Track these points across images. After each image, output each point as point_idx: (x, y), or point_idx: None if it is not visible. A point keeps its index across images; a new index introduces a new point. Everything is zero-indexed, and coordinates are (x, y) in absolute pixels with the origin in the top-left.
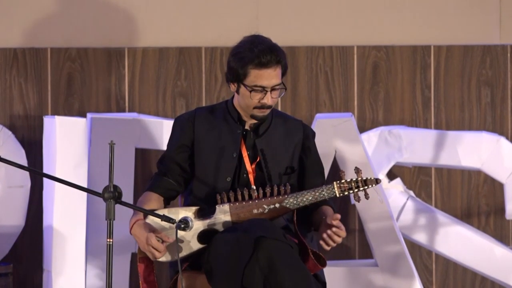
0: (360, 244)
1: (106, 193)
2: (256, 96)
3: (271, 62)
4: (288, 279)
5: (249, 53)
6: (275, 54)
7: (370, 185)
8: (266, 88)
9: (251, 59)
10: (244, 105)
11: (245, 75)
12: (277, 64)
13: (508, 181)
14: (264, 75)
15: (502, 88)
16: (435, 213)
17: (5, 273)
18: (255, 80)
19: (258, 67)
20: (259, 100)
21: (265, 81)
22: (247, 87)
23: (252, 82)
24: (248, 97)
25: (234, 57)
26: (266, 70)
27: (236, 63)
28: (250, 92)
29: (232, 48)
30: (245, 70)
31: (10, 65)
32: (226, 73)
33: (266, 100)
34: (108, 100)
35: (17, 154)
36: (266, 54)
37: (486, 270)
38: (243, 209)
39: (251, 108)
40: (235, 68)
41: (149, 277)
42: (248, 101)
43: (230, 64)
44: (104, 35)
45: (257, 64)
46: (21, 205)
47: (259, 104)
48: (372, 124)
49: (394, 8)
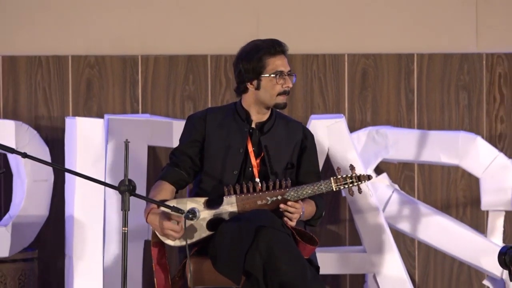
0: (350, 232)
1: (122, 186)
2: (280, 81)
3: (282, 50)
4: (285, 264)
5: (261, 47)
6: (282, 44)
7: (363, 181)
8: (284, 73)
9: (266, 50)
10: (268, 96)
11: (263, 67)
12: (285, 52)
13: (483, 176)
14: (278, 61)
15: (478, 92)
16: (417, 204)
17: (31, 258)
18: (275, 67)
19: (274, 55)
20: (282, 85)
21: (281, 66)
22: (270, 75)
23: (272, 69)
24: (272, 86)
25: (245, 58)
26: (280, 57)
27: (251, 61)
28: (275, 77)
29: (236, 57)
30: (263, 62)
31: (35, 72)
32: (240, 77)
33: (288, 83)
34: (123, 103)
35: (42, 151)
36: (276, 44)
37: (463, 256)
38: (248, 200)
39: (275, 97)
40: (252, 65)
41: (161, 260)
42: (272, 90)
43: (244, 66)
44: (119, 44)
45: (273, 53)
46: (45, 197)
47: (282, 89)
48: (361, 124)
49: (381, 20)
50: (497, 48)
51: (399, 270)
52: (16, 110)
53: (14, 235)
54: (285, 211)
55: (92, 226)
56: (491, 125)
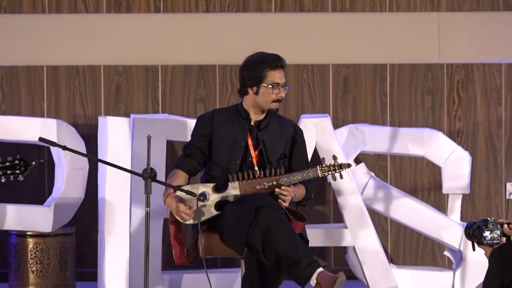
0: (334, 212)
1: (145, 174)
2: (275, 91)
3: (281, 65)
4: (280, 238)
5: (265, 61)
6: (282, 60)
7: (344, 168)
8: (280, 84)
9: (269, 64)
10: (263, 102)
11: (264, 77)
12: (284, 67)
13: (444, 165)
14: (277, 75)
15: (440, 96)
16: (390, 189)
17: (70, 233)
18: (273, 79)
19: (273, 69)
20: (276, 94)
21: (278, 79)
22: (268, 85)
23: (271, 81)
24: (269, 94)
25: (250, 67)
26: (279, 70)
27: (255, 70)
28: (271, 88)
29: (243, 64)
30: (264, 73)
31: (73, 79)
32: (244, 82)
33: (282, 94)
34: (146, 104)
35: (79, 145)
36: (277, 60)
37: (428, 231)
38: (249, 185)
39: (269, 103)
40: (255, 74)
41: (178, 236)
42: (267, 97)
43: (248, 73)
44: (143, 56)
45: (273, 67)
46: (81, 182)
47: (276, 97)
48: (343, 122)
49: (359, 36)
50: (456, 59)
51: (375, 243)
52: (58, 111)
53: (55, 214)
54: (279, 194)
55: (120, 207)
56: (450, 123)
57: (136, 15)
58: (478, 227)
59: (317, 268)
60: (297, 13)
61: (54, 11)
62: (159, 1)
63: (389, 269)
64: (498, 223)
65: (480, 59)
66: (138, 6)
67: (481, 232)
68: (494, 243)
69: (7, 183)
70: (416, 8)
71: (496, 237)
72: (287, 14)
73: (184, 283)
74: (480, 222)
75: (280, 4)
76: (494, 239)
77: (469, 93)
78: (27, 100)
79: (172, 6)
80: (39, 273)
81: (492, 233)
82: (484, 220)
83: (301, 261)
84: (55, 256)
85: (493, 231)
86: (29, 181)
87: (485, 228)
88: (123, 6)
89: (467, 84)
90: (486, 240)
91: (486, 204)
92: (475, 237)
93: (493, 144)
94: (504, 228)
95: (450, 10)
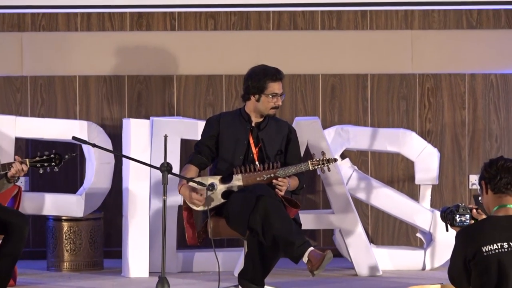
0: (323, 200)
1: (162, 167)
2: (273, 100)
3: (280, 77)
4: (277, 222)
5: (267, 73)
6: (281, 73)
7: (331, 163)
8: (278, 94)
9: (270, 77)
10: (263, 108)
11: (265, 88)
12: (282, 80)
13: (417, 160)
14: (276, 86)
15: (412, 101)
16: (370, 180)
17: (98, 218)
18: (272, 90)
19: (274, 81)
20: (274, 103)
21: (277, 90)
22: (269, 95)
23: (271, 91)
24: (268, 102)
25: (254, 78)
26: (278, 82)
27: (258, 81)
28: (271, 97)
29: (247, 74)
30: (266, 84)
31: (101, 86)
32: (247, 90)
33: (279, 102)
34: (163, 108)
35: (106, 143)
36: (277, 73)
37: (402, 216)
38: (250, 177)
39: (268, 109)
40: (257, 84)
41: (190, 220)
42: (267, 105)
43: (252, 83)
44: (161, 67)
45: (274, 79)
46: (108, 175)
47: (274, 105)
48: (331, 123)
49: (345, 51)
50: (426, 70)
51: (357, 226)
52: (88, 114)
53: (86, 201)
54: (276, 185)
55: (141, 195)
56: (422, 124)
57: (154, 32)
58: (450, 211)
59: (308, 247)
60: (292, 31)
61: (85, 29)
62: (174, 21)
63: (370, 248)
64: (468, 208)
65: (447, 70)
66: (157, 25)
67: (453, 216)
68: (464, 225)
69: (45, 175)
70: (393, 27)
71: (465, 220)
72: (283, 31)
73: (195, 260)
74: (453, 207)
75: (277, 23)
76: (463, 222)
77: (437, 99)
78: (62, 104)
79: (185, 24)
80: (72, 251)
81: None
82: (456, 205)
83: (295, 241)
84: (86, 237)
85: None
86: (64, 174)
87: (457, 212)
88: (144, 24)
89: (436, 91)
90: (457, 223)
91: (452, 193)
92: (448, 220)
93: (458, 142)
94: (473, 212)
95: (421, 28)
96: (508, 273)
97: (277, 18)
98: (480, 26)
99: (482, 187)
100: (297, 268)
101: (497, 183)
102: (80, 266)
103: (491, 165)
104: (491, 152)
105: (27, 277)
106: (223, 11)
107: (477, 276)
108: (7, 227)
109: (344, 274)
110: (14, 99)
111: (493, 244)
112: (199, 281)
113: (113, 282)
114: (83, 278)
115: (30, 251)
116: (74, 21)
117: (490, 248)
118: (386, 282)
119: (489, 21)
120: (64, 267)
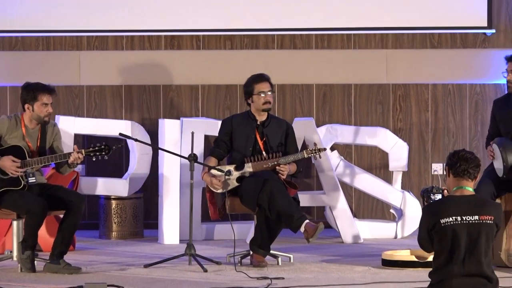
0: (316, 183)
1: (190, 157)
2: (263, 97)
3: (265, 78)
4: (280, 199)
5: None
6: (265, 76)
7: (321, 151)
8: (265, 91)
9: (254, 81)
10: (258, 106)
11: (253, 89)
12: (267, 80)
13: (390, 152)
14: (262, 85)
15: (387, 105)
16: (354, 167)
17: (139, 197)
18: (259, 89)
19: (258, 83)
20: (264, 98)
21: (263, 88)
22: (257, 94)
23: (257, 90)
24: (259, 99)
25: (245, 85)
26: (262, 83)
27: (247, 87)
28: (261, 95)
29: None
30: (252, 86)
31: (142, 93)
32: (244, 96)
33: (268, 98)
34: (191, 110)
35: (145, 138)
36: (261, 76)
37: (379, 195)
38: (258, 165)
39: (261, 105)
40: (247, 89)
41: (212, 200)
42: (259, 102)
43: (244, 90)
44: (188, 78)
45: (258, 81)
46: (147, 163)
47: (265, 100)
48: (323, 123)
49: (333, 65)
50: (398, 80)
51: (343, 204)
52: (132, 115)
53: (130, 184)
54: (279, 170)
55: (173, 180)
56: (394, 124)
57: (184, 51)
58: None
59: (305, 220)
60: (292, 50)
61: (129, 48)
62: (199, 42)
63: (353, 221)
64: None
65: (414, 80)
66: (185, 45)
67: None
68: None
69: (97, 163)
70: (371, 47)
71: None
72: (285, 50)
73: (216, 230)
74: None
75: (280, 44)
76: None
77: (407, 103)
78: (111, 108)
79: (208, 45)
80: (119, 223)
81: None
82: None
83: (294, 215)
84: (130, 212)
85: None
86: (112, 162)
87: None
88: (175, 44)
89: (406, 97)
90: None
91: (418, 178)
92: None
93: (422, 138)
94: (444, 192)
95: (394, 48)
96: (460, 239)
97: (280, 40)
98: (440, 46)
99: (446, 171)
100: (296, 236)
101: (457, 169)
102: (125, 235)
103: (454, 154)
104: (448, 145)
105: (83, 243)
106: (238, 34)
107: (437, 241)
108: (67, 205)
109: (333, 241)
110: (73, 103)
111: (449, 217)
112: (219, 247)
113: (151, 247)
114: (127, 245)
115: (85, 223)
116: (120, 42)
117: (447, 220)
118: (366, 248)
119: (447, 42)
120: (112, 235)
